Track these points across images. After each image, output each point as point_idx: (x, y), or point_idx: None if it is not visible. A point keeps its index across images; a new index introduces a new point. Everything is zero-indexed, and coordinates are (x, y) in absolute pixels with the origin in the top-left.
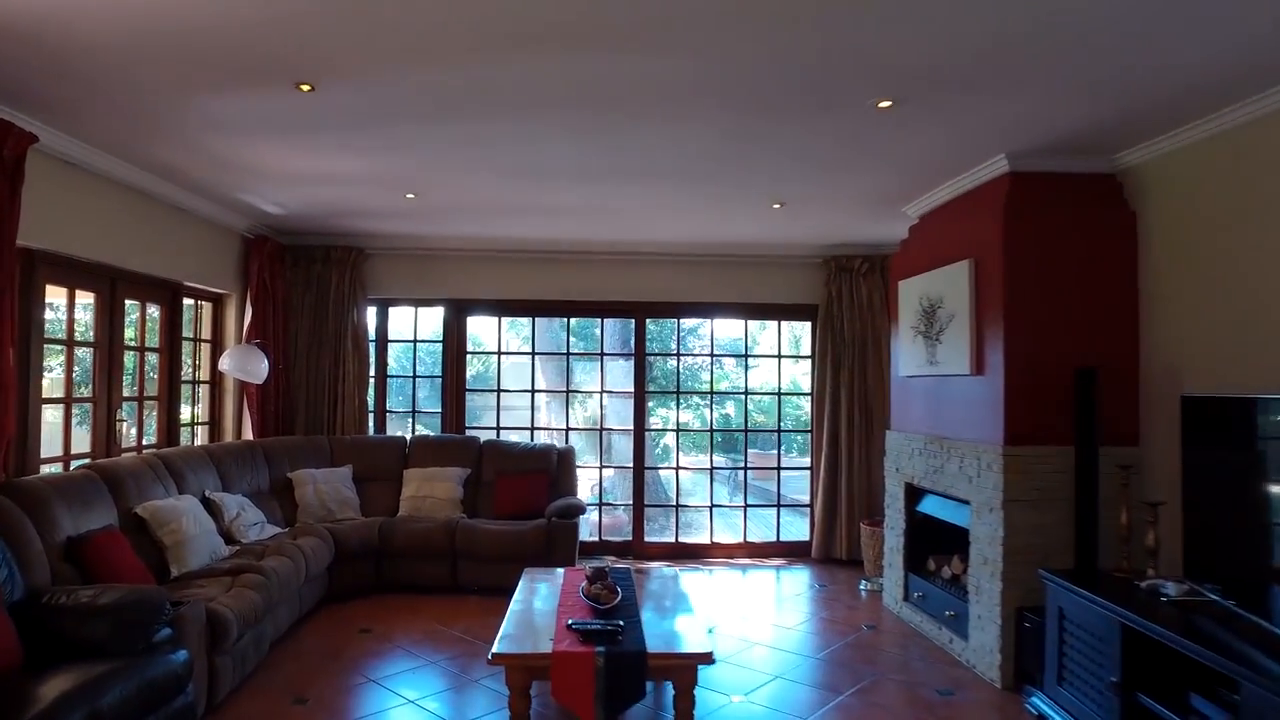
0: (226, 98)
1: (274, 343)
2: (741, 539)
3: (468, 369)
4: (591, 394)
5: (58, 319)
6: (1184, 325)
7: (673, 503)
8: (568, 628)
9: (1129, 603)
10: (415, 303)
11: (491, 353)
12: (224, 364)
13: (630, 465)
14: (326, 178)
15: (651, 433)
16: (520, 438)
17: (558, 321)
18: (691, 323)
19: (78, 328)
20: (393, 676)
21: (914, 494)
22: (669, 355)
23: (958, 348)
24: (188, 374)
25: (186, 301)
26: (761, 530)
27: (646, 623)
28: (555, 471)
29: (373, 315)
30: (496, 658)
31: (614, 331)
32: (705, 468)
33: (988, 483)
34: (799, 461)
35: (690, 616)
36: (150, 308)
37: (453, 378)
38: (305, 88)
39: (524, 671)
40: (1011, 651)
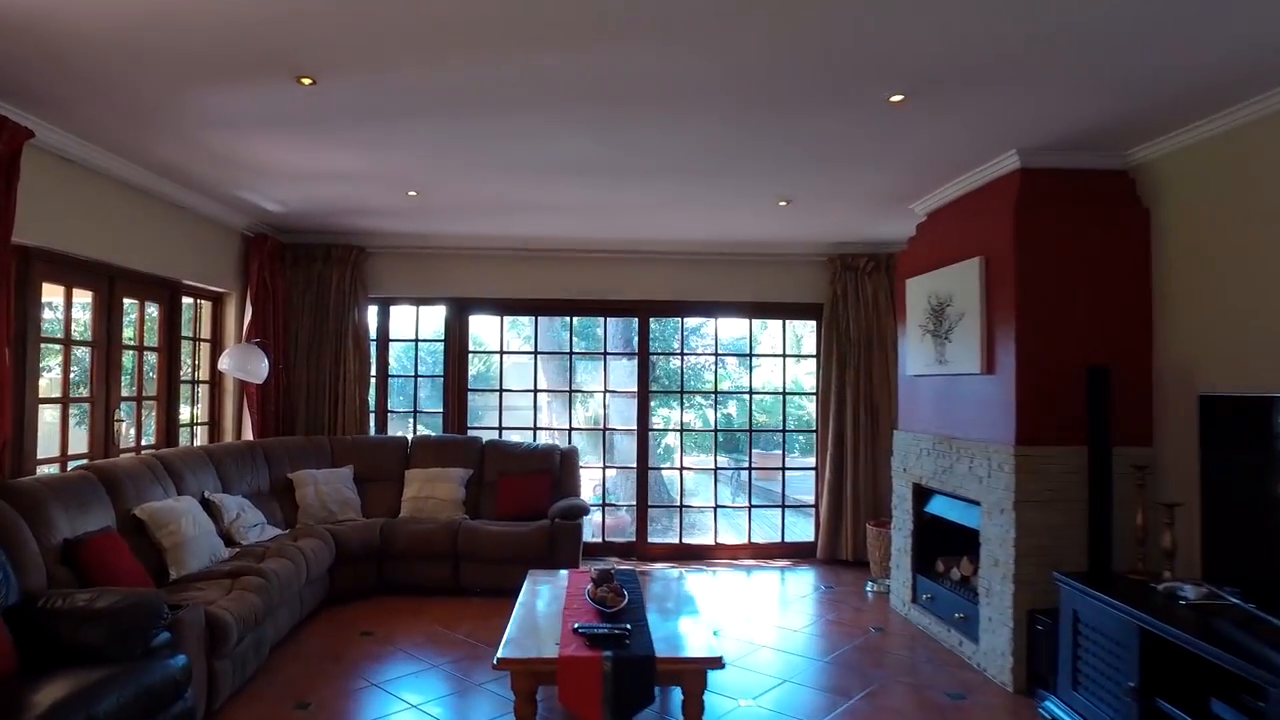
0: (225, 92)
1: (274, 342)
2: (746, 540)
3: (469, 368)
4: (594, 394)
5: (55, 318)
6: (1199, 323)
7: (676, 503)
8: (574, 632)
9: (1147, 606)
10: (416, 301)
11: (493, 352)
12: (224, 363)
13: (633, 465)
14: (327, 174)
15: (655, 433)
16: (522, 438)
17: (560, 320)
18: (695, 322)
19: (75, 327)
20: (395, 680)
21: (922, 494)
22: (672, 355)
23: (968, 346)
24: (187, 374)
25: (186, 300)
26: (766, 531)
27: (652, 626)
28: (558, 472)
29: (374, 314)
30: (502, 662)
31: (617, 331)
32: (709, 468)
33: (999, 483)
34: (803, 462)
35: (697, 619)
36: (149, 306)
37: (454, 377)
38: (306, 81)
39: (530, 676)
40: (1023, 655)
